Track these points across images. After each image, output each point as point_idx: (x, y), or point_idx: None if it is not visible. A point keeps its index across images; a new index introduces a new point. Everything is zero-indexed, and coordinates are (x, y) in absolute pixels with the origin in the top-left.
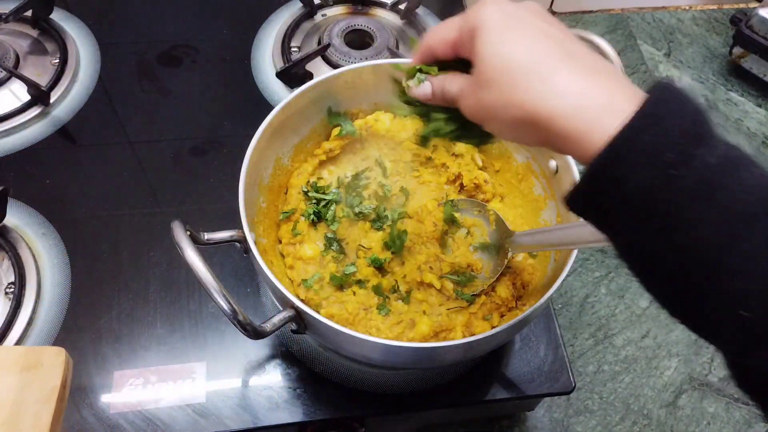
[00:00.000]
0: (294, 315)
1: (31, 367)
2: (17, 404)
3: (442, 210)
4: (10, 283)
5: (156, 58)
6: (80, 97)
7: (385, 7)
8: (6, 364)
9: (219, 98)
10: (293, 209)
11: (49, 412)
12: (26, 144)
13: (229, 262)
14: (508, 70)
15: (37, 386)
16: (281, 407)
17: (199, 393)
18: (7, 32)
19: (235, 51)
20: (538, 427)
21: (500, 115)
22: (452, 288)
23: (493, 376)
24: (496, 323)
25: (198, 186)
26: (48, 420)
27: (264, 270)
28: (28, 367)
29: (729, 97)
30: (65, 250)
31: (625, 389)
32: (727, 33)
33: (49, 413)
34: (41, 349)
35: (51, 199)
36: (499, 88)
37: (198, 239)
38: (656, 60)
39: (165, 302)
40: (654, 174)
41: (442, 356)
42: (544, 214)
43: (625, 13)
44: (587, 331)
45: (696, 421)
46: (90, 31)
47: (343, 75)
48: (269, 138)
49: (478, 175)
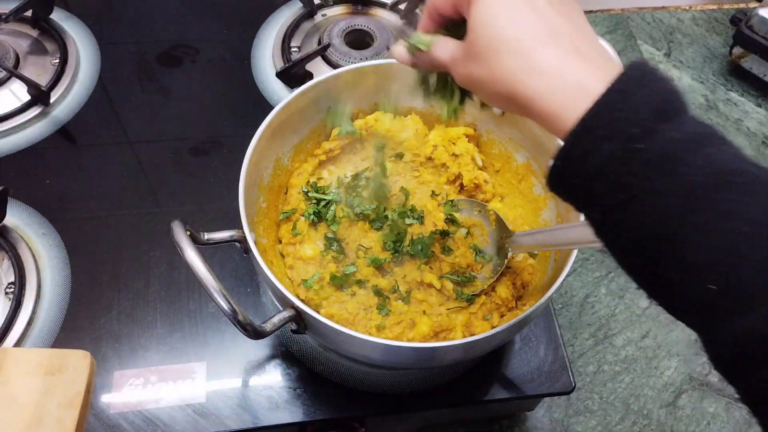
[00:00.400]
0: (294, 315)
1: (55, 370)
2: (40, 409)
3: (442, 210)
4: (10, 283)
5: (156, 58)
6: (80, 97)
7: (385, 7)
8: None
9: (219, 98)
10: (293, 209)
11: (73, 419)
12: (26, 144)
13: (229, 262)
14: (495, 44)
15: (61, 390)
16: (281, 407)
17: (199, 393)
18: (7, 32)
19: (235, 51)
20: (538, 427)
21: (487, 88)
22: (452, 288)
23: (493, 376)
24: (496, 323)
25: (198, 186)
26: (72, 427)
27: (264, 270)
28: (52, 371)
29: (729, 97)
30: (65, 250)
31: (625, 389)
32: (727, 33)
33: (72, 420)
34: (67, 352)
35: (51, 199)
36: (487, 62)
37: (198, 239)
38: (656, 60)
39: (165, 302)
40: (619, 147)
41: (442, 356)
42: (544, 214)
43: (625, 13)
44: (587, 331)
45: (696, 421)
46: (90, 31)
47: (343, 75)
48: (269, 138)
49: (478, 175)
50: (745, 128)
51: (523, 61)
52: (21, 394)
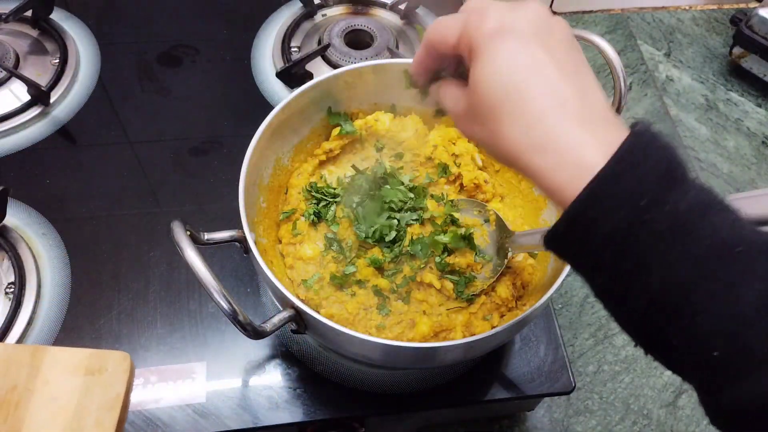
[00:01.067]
0: (294, 315)
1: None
2: (80, 409)
3: (442, 210)
4: (10, 283)
5: (156, 58)
6: (80, 97)
7: (385, 7)
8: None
9: (219, 98)
10: (293, 209)
11: (113, 421)
12: (26, 144)
13: (229, 262)
14: (498, 110)
15: (100, 392)
16: (281, 407)
17: (199, 393)
18: (7, 32)
19: (235, 51)
20: (538, 427)
21: (489, 149)
22: (452, 288)
23: (493, 376)
24: (496, 323)
25: (198, 186)
26: (111, 429)
27: (264, 270)
28: (92, 371)
29: (729, 97)
30: (65, 250)
31: (625, 389)
32: (727, 33)
33: (112, 422)
34: (106, 353)
35: (51, 199)
36: (488, 126)
37: (198, 239)
38: (656, 60)
39: (165, 302)
40: (628, 219)
41: (442, 356)
42: (544, 214)
43: (625, 13)
44: (587, 331)
45: (696, 421)
46: (90, 31)
47: (343, 75)
48: (269, 138)
49: (478, 175)
50: (745, 128)
51: (526, 133)
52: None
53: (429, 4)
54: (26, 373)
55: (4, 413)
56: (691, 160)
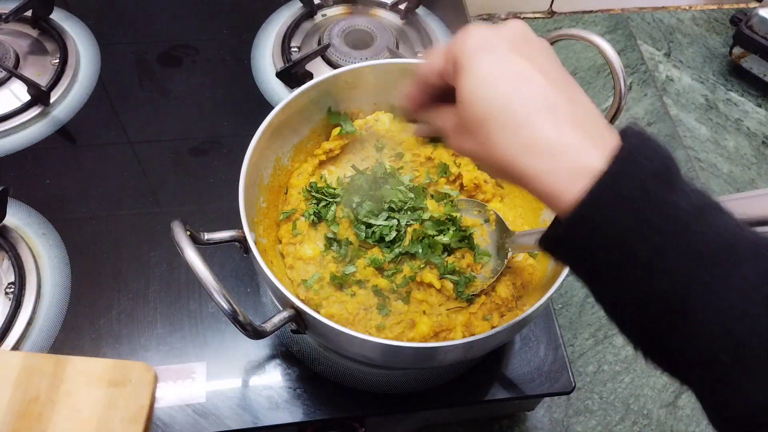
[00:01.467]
0: (294, 315)
1: (118, 382)
2: (103, 422)
3: (442, 210)
4: (10, 283)
5: (156, 58)
6: (80, 97)
7: (385, 7)
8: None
9: (219, 98)
10: (293, 209)
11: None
12: (26, 144)
13: (229, 262)
14: (486, 120)
15: (124, 404)
16: (281, 407)
17: (199, 393)
18: (7, 32)
19: (235, 51)
20: (538, 427)
21: (482, 162)
22: (452, 288)
23: (493, 376)
24: (496, 323)
25: (198, 186)
26: None
27: (264, 270)
28: (115, 383)
29: (729, 97)
30: (65, 250)
31: (625, 389)
32: (727, 33)
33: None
34: (129, 363)
35: (51, 199)
36: (478, 138)
37: (198, 239)
38: (656, 60)
39: (165, 302)
40: (632, 222)
41: (442, 356)
42: (544, 214)
43: (625, 13)
44: (587, 331)
45: (696, 421)
46: (90, 31)
47: (343, 75)
48: (269, 138)
49: (478, 175)
50: (745, 128)
51: (516, 137)
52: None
53: (429, 4)
54: (48, 383)
55: (26, 424)
56: (691, 160)
